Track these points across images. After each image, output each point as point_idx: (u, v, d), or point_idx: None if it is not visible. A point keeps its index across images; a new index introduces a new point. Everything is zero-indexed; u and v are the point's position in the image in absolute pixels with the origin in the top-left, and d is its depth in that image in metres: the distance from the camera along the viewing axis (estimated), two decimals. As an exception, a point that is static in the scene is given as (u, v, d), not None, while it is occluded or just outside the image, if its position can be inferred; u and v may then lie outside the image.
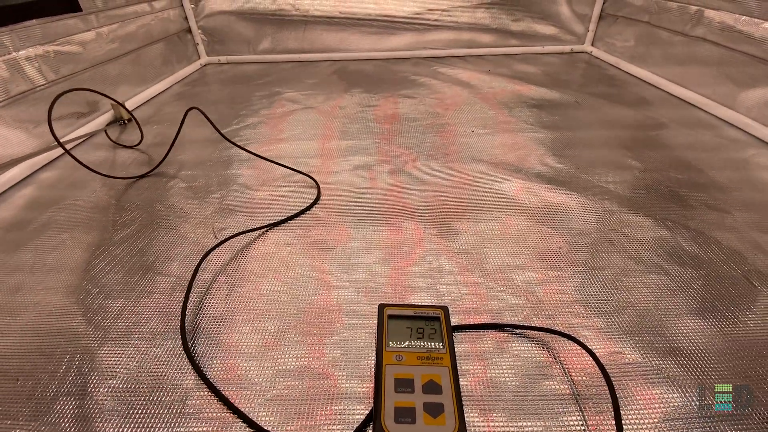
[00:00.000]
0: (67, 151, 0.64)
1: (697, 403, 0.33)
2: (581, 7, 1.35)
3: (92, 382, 0.36)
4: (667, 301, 0.43)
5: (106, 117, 0.92)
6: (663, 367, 0.36)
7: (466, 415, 0.32)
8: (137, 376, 0.37)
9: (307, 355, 0.38)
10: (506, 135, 0.81)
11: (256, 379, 0.36)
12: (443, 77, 1.18)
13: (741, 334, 0.39)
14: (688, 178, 0.64)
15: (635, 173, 0.66)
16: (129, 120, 0.91)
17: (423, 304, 0.43)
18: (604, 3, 1.32)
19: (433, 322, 0.37)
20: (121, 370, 0.37)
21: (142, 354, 0.39)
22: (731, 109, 0.85)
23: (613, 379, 0.34)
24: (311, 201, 0.61)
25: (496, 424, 0.32)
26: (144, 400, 0.35)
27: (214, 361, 0.38)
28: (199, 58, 1.41)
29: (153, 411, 0.34)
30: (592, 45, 1.39)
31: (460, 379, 0.35)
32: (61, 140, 0.63)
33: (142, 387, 0.36)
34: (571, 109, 0.93)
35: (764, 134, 0.76)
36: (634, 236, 0.52)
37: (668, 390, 0.34)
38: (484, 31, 1.38)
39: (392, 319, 0.37)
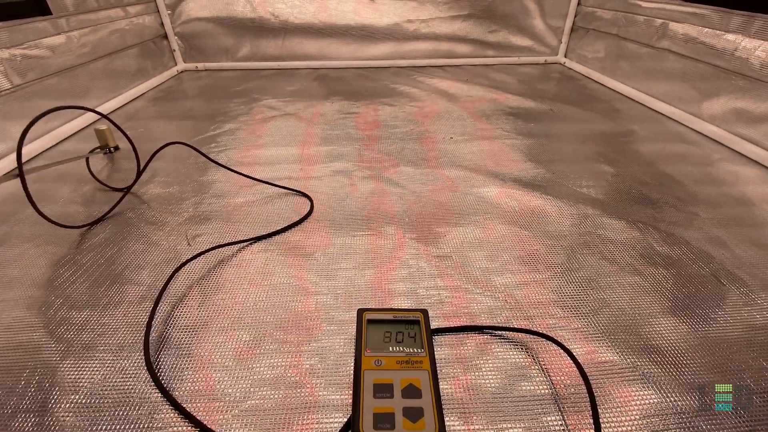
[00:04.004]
0: (24, 186, 0.50)
1: (673, 400, 0.34)
2: (554, 20, 1.40)
3: (53, 397, 0.34)
4: (641, 301, 0.43)
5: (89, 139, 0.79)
6: (639, 366, 0.36)
7: (446, 418, 0.32)
8: (101, 390, 0.35)
9: (283, 364, 0.37)
10: (484, 142, 0.82)
11: (229, 390, 0.35)
12: (423, 86, 1.19)
13: (712, 332, 0.40)
14: (657, 181, 0.67)
15: (608, 177, 0.68)
16: (116, 148, 0.77)
17: (403, 307, 0.42)
18: (575, 16, 1.38)
19: (413, 326, 0.36)
20: (85, 384, 0.35)
21: (108, 367, 0.37)
22: (696, 116, 0.89)
23: (591, 378, 0.35)
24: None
25: (477, 427, 0.32)
26: (108, 415, 0.33)
27: (185, 373, 0.36)
28: (176, 65, 1.39)
29: (117, 427, 0.32)
30: (565, 56, 1.44)
31: (441, 383, 0.34)
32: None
33: (106, 402, 0.34)
34: (546, 117, 0.96)
35: (727, 140, 0.80)
36: (608, 238, 0.53)
37: (644, 388, 0.35)
38: (462, 42, 1.41)
39: (371, 324, 0.36)
